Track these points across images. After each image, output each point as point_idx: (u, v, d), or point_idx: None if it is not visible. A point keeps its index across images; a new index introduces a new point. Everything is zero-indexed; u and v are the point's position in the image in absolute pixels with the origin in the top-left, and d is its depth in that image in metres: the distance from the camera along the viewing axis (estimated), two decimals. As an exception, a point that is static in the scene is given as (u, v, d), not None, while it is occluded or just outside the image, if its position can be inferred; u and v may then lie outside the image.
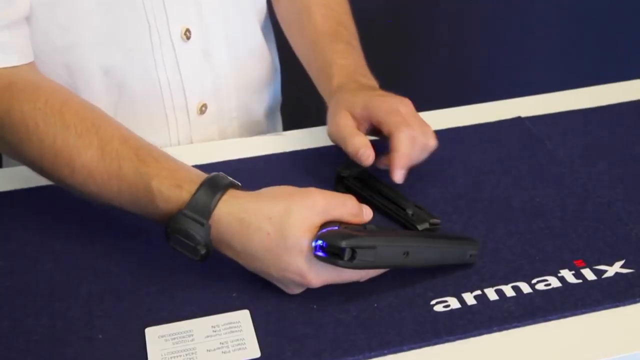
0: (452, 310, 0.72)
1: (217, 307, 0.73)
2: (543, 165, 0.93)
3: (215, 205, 0.72)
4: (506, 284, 0.75)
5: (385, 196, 0.85)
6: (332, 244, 0.68)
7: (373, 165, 0.85)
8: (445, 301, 0.73)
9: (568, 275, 0.76)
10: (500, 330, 0.70)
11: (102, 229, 0.82)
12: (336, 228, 0.70)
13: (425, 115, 1.03)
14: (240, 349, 0.69)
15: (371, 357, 0.68)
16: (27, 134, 0.79)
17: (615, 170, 0.92)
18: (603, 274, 0.76)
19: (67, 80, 0.91)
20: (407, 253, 0.72)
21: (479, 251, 0.77)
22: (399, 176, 0.84)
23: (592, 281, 0.75)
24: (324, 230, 0.70)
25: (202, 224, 0.71)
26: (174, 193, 0.73)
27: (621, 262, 0.77)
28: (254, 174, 0.90)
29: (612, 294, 0.74)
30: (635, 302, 0.73)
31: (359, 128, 0.87)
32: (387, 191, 0.86)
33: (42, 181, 0.85)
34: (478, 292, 0.74)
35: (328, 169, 0.92)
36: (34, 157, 0.80)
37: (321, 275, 0.71)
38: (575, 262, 0.78)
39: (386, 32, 1.96)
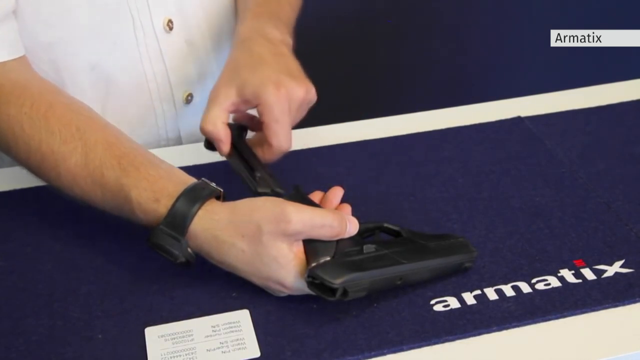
0: (451, 310, 0.72)
1: (217, 307, 0.73)
2: (543, 165, 0.93)
3: (190, 222, 0.72)
4: (506, 283, 0.75)
5: (245, 159, 0.82)
6: (325, 283, 0.68)
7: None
8: (445, 301, 0.73)
9: (568, 275, 0.76)
10: (500, 330, 0.70)
11: (101, 229, 0.82)
12: (328, 259, 0.70)
13: (425, 115, 1.04)
14: (240, 348, 0.69)
15: (371, 357, 0.68)
16: (14, 137, 0.80)
17: (615, 170, 0.92)
18: (603, 274, 0.76)
19: (53, 77, 0.91)
20: (401, 278, 0.72)
21: (474, 262, 0.77)
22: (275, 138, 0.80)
23: (591, 281, 0.75)
24: (313, 265, 0.70)
25: (178, 240, 0.72)
26: (152, 207, 0.74)
27: (621, 262, 0.77)
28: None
29: (611, 293, 0.74)
30: (635, 302, 0.73)
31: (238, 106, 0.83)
32: (247, 151, 0.83)
33: (42, 181, 0.85)
34: (478, 291, 0.74)
35: (328, 168, 0.92)
36: (21, 159, 0.82)
37: (304, 285, 0.71)
38: (575, 262, 0.77)
39: (386, 32, 1.96)
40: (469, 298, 0.73)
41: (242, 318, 0.72)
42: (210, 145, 0.83)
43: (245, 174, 0.80)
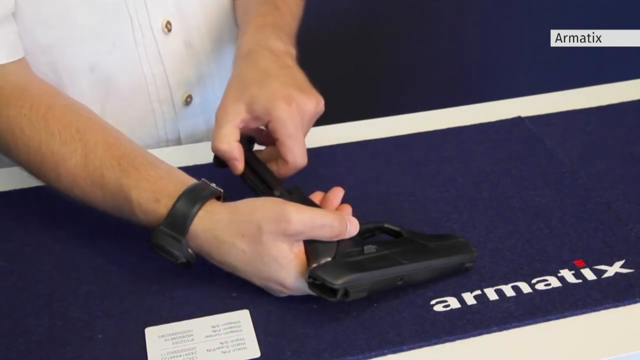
0: (451, 310, 0.72)
1: (217, 307, 0.73)
2: (543, 165, 0.93)
3: (191, 222, 0.72)
4: (506, 283, 0.75)
5: (258, 173, 0.81)
6: (326, 284, 0.68)
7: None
8: (445, 301, 0.73)
9: (568, 275, 0.76)
10: (500, 330, 0.70)
11: (101, 228, 0.82)
12: (329, 259, 0.70)
13: (426, 115, 1.04)
14: (240, 348, 0.69)
15: (371, 357, 0.68)
16: (14, 138, 0.80)
17: (615, 170, 0.92)
18: (603, 274, 0.76)
19: (52, 79, 0.91)
20: (402, 278, 0.72)
21: (475, 263, 0.77)
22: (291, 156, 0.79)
23: (592, 281, 0.75)
24: (314, 266, 0.70)
25: (178, 241, 0.72)
26: (152, 207, 0.74)
27: (621, 262, 0.77)
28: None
29: (612, 294, 0.74)
30: (635, 302, 0.73)
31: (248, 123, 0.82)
32: (261, 168, 0.82)
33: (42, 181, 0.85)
34: (478, 292, 0.74)
35: (328, 169, 0.92)
36: (21, 160, 0.82)
37: (304, 286, 0.71)
38: (575, 262, 0.77)
39: (386, 32, 1.96)
40: (469, 298, 0.73)
41: (242, 318, 0.72)
42: (220, 161, 0.82)
43: (262, 192, 0.79)
